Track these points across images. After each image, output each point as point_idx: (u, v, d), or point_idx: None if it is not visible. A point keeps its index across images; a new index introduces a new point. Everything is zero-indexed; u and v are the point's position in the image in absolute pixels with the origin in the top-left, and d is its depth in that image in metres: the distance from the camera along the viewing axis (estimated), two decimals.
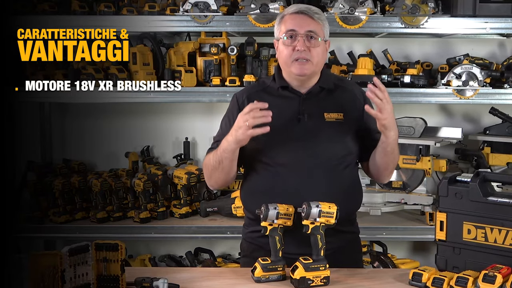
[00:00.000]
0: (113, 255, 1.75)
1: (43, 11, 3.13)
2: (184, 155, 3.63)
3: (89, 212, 3.29)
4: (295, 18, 2.09)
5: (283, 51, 2.09)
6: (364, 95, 2.18)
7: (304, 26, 2.06)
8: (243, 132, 1.94)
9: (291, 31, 2.07)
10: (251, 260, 2.02)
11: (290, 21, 2.09)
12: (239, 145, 1.99)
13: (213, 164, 2.09)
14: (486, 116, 3.45)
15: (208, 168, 2.13)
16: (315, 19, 2.09)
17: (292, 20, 2.09)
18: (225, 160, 2.04)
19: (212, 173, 2.13)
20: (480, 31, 3.10)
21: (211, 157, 2.10)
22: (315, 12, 2.10)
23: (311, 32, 2.06)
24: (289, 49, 2.07)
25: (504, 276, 1.69)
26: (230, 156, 2.03)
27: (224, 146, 2.03)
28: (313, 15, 2.09)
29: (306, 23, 2.07)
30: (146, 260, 3.47)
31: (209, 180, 2.20)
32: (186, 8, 3.04)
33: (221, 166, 2.06)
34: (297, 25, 2.07)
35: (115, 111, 3.69)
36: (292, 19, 2.09)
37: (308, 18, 2.08)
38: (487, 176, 1.85)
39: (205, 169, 2.17)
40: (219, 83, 3.21)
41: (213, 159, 2.09)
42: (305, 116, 2.10)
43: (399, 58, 3.57)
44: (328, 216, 1.86)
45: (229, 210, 3.27)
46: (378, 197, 3.24)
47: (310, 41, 2.06)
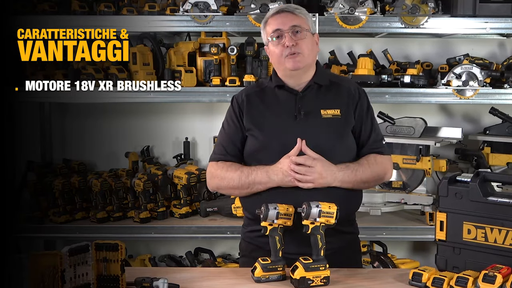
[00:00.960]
0: (113, 255, 1.75)
1: (43, 11, 3.13)
2: (184, 155, 3.63)
3: (89, 212, 3.29)
4: (277, 18, 2.13)
5: (274, 52, 2.13)
6: (359, 91, 2.20)
7: (287, 23, 2.11)
8: (290, 181, 2.00)
9: (277, 31, 2.11)
10: (250, 260, 2.02)
11: (273, 22, 2.13)
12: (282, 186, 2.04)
13: (237, 185, 2.10)
14: (486, 116, 3.45)
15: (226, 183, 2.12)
16: (297, 14, 2.14)
17: (274, 20, 2.13)
18: (255, 189, 2.08)
19: (230, 189, 2.16)
20: (480, 31, 3.10)
21: (235, 177, 2.09)
22: (296, 8, 2.16)
23: (295, 26, 2.10)
24: (279, 48, 2.11)
25: (504, 276, 1.69)
26: (264, 188, 2.07)
27: (263, 181, 2.05)
28: (294, 11, 2.14)
29: (289, 19, 2.12)
30: (146, 260, 3.47)
31: (218, 190, 2.24)
32: (186, 8, 3.04)
33: (248, 191, 2.10)
34: (281, 24, 2.11)
35: (115, 111, 3.69)
36: (275, 19, 2.14)
37: (290, 15, 2.13)
38: (487, 176, 1.84)
39: (219, 181, 2.15)
40: (219, 83, 3.21)
41: (238, 181, 2.09)
42: (301, 114, 2.11)
43: (399, 58, 3.57)
44: (328, 216, 1.86)
45: (229, 210, 3.27)
46: (378, 197, 3.24)
47: (296, 35, 2.10)
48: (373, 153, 2.15)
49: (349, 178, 2.06)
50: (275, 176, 2.03)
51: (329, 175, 2.02)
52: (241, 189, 2.11)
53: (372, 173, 2.12)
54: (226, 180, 2.12)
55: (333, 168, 2.03)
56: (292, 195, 2.00)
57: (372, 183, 2.18)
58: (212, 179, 2.18)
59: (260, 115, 2.15)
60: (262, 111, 2.15)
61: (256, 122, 2.14)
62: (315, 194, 1.97)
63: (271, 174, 2.03)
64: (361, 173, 2.08)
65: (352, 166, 2.08)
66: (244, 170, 2.09)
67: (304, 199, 1.89)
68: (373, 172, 2.12)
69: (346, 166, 2.07)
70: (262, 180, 2.05)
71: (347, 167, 2.07)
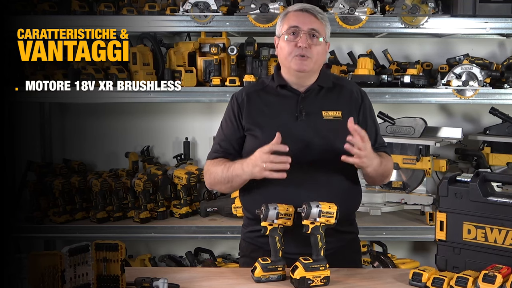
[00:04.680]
0: (113, 255, 1.75)
1: (43, 11, 3.12)
2: (184, 155, 3.63)
3: (89, 212, 3.29)
4: (299, 16, 2.11)
5: (284, 48, 2.11)
6: (361, 94, 2.19)
7: (307, 24, 2.09)
8: (259, 171, 1.97)
9: (294, 28, 2.09)
10: (250, 260, 2.02)
11: (294, 18, 2.11)
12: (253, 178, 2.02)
13: (220, 179, 2.11)
14: (486, 116, 3.45)
15: (213, 178, 2.15)
16: (319, 18, 2.11)
17: (296, 17, 2.11)
18: (235, 183, 2.09)
19: (216, 184, 2.16)
20: (480, 31, 3.10)
21: (219, 171, 2.10)
22: (319, 12, 2.14)
23: (314, 30, 2.08)
24: (291, 45, 2.09)
25: (504, 276, 1.69)
26: (241, 181, 2.07)
27: (238, 172, 2.05)
28: (317, 14, 2.12)
29: (310, 21, 2.10)
30: (146, 260, 3.47)
31: (210, 186, 2.25)
32: (186, 8, 3.04)
33: (230, 185, 2.11)
34: (301, 22, 2.09)
35: (115, 111, 3.69)
36: (296, 16, 2.11)
37: (312, 17, 2.11)
38: (487, 176, 1.84)
39: (208, 176, 2.17)
40: (219, 83, 3.21)
41: (221, 174, 2.10)
42: (303, 115, 2.10)
43: (399, 58, 3.57)
44: (328, 216, 1.86)
45: (229, 210, 3.27)
46: (378, 197, 3.24)
47: (312, 39, 2.08)
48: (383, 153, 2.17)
49: (378, 167, 2.05)
50: (246, 167, 2.02)
51: (373, 157, 2.01)
52: (224, 183, 2.11)
53: (387, 169, 2.14)
54: (213, 175, 2.14)
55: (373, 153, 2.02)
56: (292, 195, 1.99)
57: (384, 178, 2.19)
58: (205, 175, 2.21)
59: (261, 114, 2.14)
60: (263, 110, 2.15)
61: (257, 121, 2.13)
62: (315, 194, 1.97)
63: (244, 166, 2.03)
64: (384, 165, 2.10)
65: (380, 156, 2.08)
66: (227, 164, 2.10)
67: (304, 199, 1.89)
68: (387, 168, 2.15)
69: (378, 154, 2.07)
70: (238, 172, 2.05)
71: (379, 156, 2.08)
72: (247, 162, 2.02)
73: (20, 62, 2.94)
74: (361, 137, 1.94)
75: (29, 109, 3.66)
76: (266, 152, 1.95)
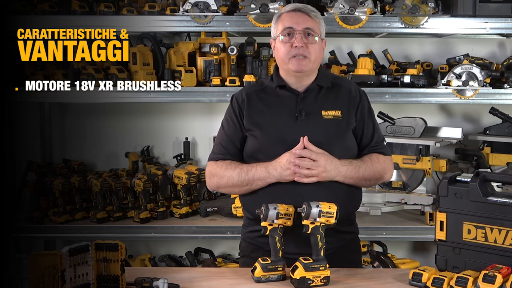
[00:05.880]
0: (113, 255, 1.75)
1: (43, 11, 3.12)
2: (184, 155, 3.63)
3: (89, 212, 3.29)
4: (292, 16, 2.11)
5: (281, 49, 2.11)
6: (360, 93, 2.20)
7: (301, 23, 2.09)
8: (289, 174, 2.00)
9: (289, 29, 2.09)
10: (250, 260, 2.02)
11: (288, 19, 2.11)
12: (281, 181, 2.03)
13: (237, 182, 2.09)
14: (486, 116, 3.45)
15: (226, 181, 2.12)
16: (312, 16, 2.12)
17: (289, 18, 2.11)
18: (255, 186, 2.08)
19: (230, 187, 2.13)
20: (480, 31, 3.10)
21: (234, 174, 2.09)
22: (312, 10, 2.14)
23: (309, 29, 2.09)
24: (287, 46, 2.09)
25: (504, 276, 1.69)
26: (263, 184, 2.07)
27: (261, 176, 2.05)
28: (310, 13, 2.12)
29: (304, 20, 2.10)
30: (146, 260, 3.47)
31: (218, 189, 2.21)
32: (186, 8, 3.04)
33: (248, 187, 2.09)
34: (295, 23, 2.09)
35: (115, 111, 3.69)
36: (290, 17, 2.11)
37: (305, 16, 2.11)
38: (487, 176, 1.84)
39: (218, 179, 2.14)
40: (219, 83, 3.20)
41: (238, 178, 2.08)
42: (303, 115, 2.10)
43: (399, 58, 3.57)
44: (328, 216, 1.86)
45: (229, 210, 3.27)
46: (378, 197, 3.24)
47: (308, 38, 2.09)
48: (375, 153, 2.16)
49: (352, 174, 2.06)
50: (274, 170, 2.02)
51: (333, 169, 2.02)
52: (241, 187, 2.10)
53: (374, 171, 2.13)
54: (225, 178, 2.11)
55: (336, 162, 2.04)
56: (293, 195, 1.99)
57: (373, 181, 2.18)
58: (211, 178, 2.17)
59: (261, 114, 2.14)
60: (263, 111, 2.15)
61: (257, 122, 2.13)
62: (315, 193, 1.97)
63: (270, 169, 2.03)
64: (363, 170, 2.09)
65: (355, 162, 2.09)
66: (244, 167, 2.09)
67: (304, 198, 1.89)
68: (374, 170, 2.13)
69: (349, 161, 2.08)
70: (261, 175, 2.05)
71: (350, 162, 2.08)
72: (273, 166, 2.03)
73: (20, 62, 2.94)
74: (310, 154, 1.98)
75: (29, 109, 3.66)
76: (297, 155, 1.98)
